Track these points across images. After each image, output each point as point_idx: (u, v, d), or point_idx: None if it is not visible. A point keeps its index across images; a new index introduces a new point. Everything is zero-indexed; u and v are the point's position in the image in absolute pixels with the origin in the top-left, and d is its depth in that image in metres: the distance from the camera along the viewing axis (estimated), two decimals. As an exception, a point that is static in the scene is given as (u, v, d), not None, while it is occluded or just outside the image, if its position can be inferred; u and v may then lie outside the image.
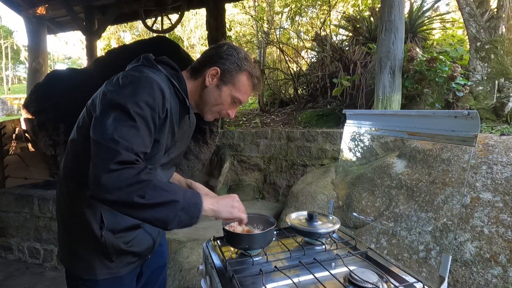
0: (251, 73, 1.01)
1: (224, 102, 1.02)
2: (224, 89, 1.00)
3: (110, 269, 0.96)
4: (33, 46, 6.20)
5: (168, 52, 1.18)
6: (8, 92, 20.42)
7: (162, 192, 0.76)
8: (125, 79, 0.86)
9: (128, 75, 0.87)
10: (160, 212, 0.76)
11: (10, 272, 2.77)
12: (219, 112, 1.05)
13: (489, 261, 1.53)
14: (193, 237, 2.74)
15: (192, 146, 3.47)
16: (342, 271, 0.97)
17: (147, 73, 0.88)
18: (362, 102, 4.14)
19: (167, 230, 0.80)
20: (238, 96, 1.01)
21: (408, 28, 4.34)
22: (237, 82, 1.00)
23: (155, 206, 0.75)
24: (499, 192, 1.72)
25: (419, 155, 2.24)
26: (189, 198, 0.81)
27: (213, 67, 0.98)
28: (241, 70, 0.99)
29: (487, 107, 3.46)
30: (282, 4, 8.94)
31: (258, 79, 1.04)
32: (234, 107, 1.06)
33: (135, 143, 0.77)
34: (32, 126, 3.50)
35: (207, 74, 0.99)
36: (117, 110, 0.79)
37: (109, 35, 12.99)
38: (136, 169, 0.75)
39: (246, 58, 1.01)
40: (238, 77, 1.00)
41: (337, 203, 2.54)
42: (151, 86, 0.84)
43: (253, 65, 1.02)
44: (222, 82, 0.99)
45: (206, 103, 1.02)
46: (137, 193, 0.73)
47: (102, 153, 0.75)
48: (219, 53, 0.99)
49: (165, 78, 0.94)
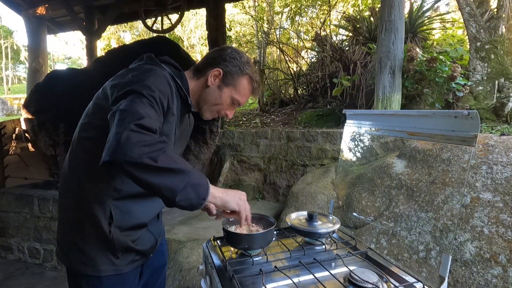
0: (251, 77, 1.06)
1: (223, 103, 1.06)
2: (225, 90, 1.04)
3: (115, 266, 0.97)
4: (33, 46, 6.20)
5: (168, 52, 1.19)
6: (8, 92, 20.43)
7: (175, 160, 0.77)
8: (135, 70, 0.91)
9: (137, 67, 0.92)
10: (170, 180, 0.75)
11: (10, 272, 2.77)
12: (218, 112, 1.09)
13: (489, 261, 1.53)
14: (193, 237, 2.74)
15: (192, 146, 3.47)
16: (342, 271, 0.97)
17: (155, 68, 0.93)
18: (362, 102, 4.14)
19: (173, 205, 0.77)
20: (237, 98, 1.06)
21: (408, 28, 4.34)
22: (238, 85, 1.05)
23: (166, 171, 0.74)
24: (499, 192, 1.72)
25: (419, 155, 2.24)
26: (198, 177, 0.81)
27: (216, 68, 1.03)
28: (243, 74, 1.04)
29: (487, 107, 3.46)
30: (282, 4, 8.94)
31: (258, 84, 1.09)
32: (232, 108, 1.10)
33: (154, 118, 0.80)
34: (32, 126, 3.50)
35: (210, 74, 1.03)
36: (132, 94, 0.82)
37: (109, 35, 12.99)
38: (154, 137, 0.76)
39: (248, 62, 1.06)
40: (240, 80, 1.04)
41: (337, 203, 2.54)
42: (161, 76, 0.90)
43: (254, 70, 1.07)
44: (224, 83, 1.04)
45: (206, 102, 1.06)
46: (150, 155, 0.72)
47: (125, 116, 0.75)
48: (222, 56, 1.04)
49: (169, 76, 0.97)
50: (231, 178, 4.16)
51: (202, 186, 0.81)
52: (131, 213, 0.96)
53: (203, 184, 0.82)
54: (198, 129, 3.32)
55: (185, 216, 3.41)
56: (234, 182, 4.16)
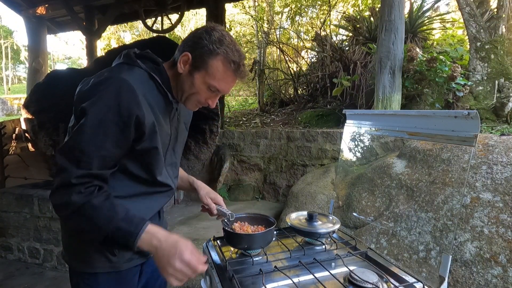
0: (226, 57, 0.89)
1: (199, 91, 0.94)
2: (197, 76, 0.92)
3: (112, 263, 0.96)
4: (33, 46, 6.20)
5: (168, 52, 1.17)
6: (8, 92, 20.42)
7: (91, 220, 0.81)
8: (93, 87, 0.85)
9: (96, 83, 0.85)
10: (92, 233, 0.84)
11: (10, 272, 2.77)
12: (198, 101, 0.97)
13: (489, 261, 1.53)
14: (193, 237, 2.75)
15: (192, 146, 3.47)
16: (342, 271, 0.97)
17: (119, 75, 0.85)
18: (362, 102, 4.14)
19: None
20: (213, 84, 0.92)
21: (408, 28, 4.34)
22: (209, 68, 0.90)
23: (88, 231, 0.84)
24: (499, 192, 1.72)
25: (419, 155, 2.24)
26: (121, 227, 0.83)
27: (184, 53, 0.91)
28: (213, 54, 0.89)
29: (487, 107, 3.46)
30: (282, 4, 8.94)
31: (237, 64, 0.91)
32: (213, 95, 0.96)
33: (88, 152, 0.80)
34: (32, 126, 3.50)
35: (180, 60, 0.92)
36: (82, 115, 0.81)
37: (109, 35, 12.98)
38: (70, 192, 0.79)
39: (221, 40, 0.89)
40: (211, 62, 0.89)
41: (337, 203, 2.54)
42: (119, 90, 0.82)
43: (231, 48, 0.90)
44: (194, 68, 0.91)
45: (183, 91, 0.96)
46: (67, 215, 0.82)
47: (67, 161, 0.80)
48: (191, 37, 0.92)
49: (146, 74, 0.91)
50: (231, 178, 4.16)
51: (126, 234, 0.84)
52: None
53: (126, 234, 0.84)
54: (198, 129, 3.32)
55: (185, 216, 3.41)
56: (234, 182, 4.16)
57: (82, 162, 0.79)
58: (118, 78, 0.83)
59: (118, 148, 0.84)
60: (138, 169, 0.93)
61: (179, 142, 1.08)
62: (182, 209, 3.67)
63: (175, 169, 1.10)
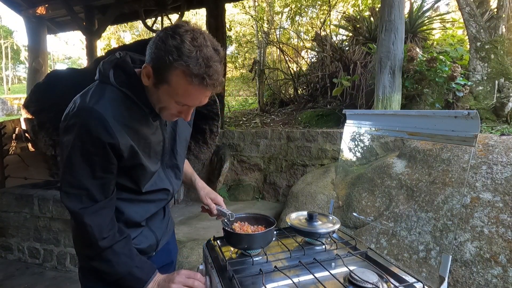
0: (185, 71, 0.74)
1: (168, 105, 0.83)
2: (161, 90, 0.81)
3: None
4: (33, 46, 6.20)
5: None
6: (8, 92, 20.42)
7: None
8: (67, 120, 0.84)
9: (70, 117, 0.83)
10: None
11: (10, 272, 2.77)
12: (171, 114, 0.87)
13: (489, 261, 1.53)
14: (193, 237, 2.75)
15: (192, 146, 3.47)
16: (342, 271, 0.97)
17: (87, 105, 0.81)
18: (362, 102, 4.14)
19: None
20: (179, 100, 0.81)
21: (408, 28, 4.34)
22: (171, 82, 0.77)
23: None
24: (499, 192, 1.72)
25: (419, 155, 2.24)
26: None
27: (145, 64, 0.81)
28: (172, 68, 0.75)
29: (487, 107, 3.46)
30: (282, 4, 8.94)
31: (200, 77, 0.75)
32: (185, 109, 0.85)
33: (86, 185, 0.83)
34: (32, 126, 3.50)
35: (142, 73, 0.82)
36: (64, 150, 0.83)
37: (109, 35, 12.99)
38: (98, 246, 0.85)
39: (179, 48, 0.73)
40: (170, 77, 0.77)
41: (337, 203, 2.54)
42: (87, 123, 0.80)
43: (193, 57, 0.73)
44: (157, 81, 0.80)
45: (154, 104, 0.86)
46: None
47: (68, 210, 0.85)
48: (151, 44, 0.80)
49: (118, 91, 0.85)
50: (231, 178, 4.16)
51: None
52: (123, 213, 0.95)
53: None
54: (198, 129, 3.32)
55: (185, 216, 3.42)
56: (234, 182, 4.16)
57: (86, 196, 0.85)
58: (86, 110, 0.81)
59: (109, 173, 0.86)
60: (127, 181, 0.93)
61: (179, 142, 1.06)
62: (182, 209, 3.67)
63: (177, 170, 1.08)
